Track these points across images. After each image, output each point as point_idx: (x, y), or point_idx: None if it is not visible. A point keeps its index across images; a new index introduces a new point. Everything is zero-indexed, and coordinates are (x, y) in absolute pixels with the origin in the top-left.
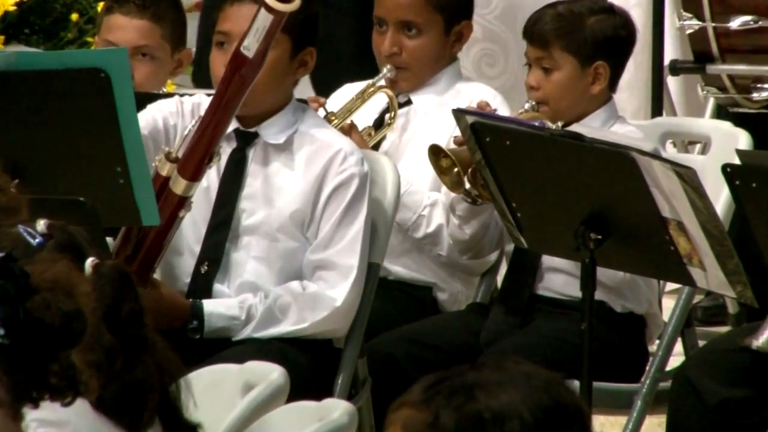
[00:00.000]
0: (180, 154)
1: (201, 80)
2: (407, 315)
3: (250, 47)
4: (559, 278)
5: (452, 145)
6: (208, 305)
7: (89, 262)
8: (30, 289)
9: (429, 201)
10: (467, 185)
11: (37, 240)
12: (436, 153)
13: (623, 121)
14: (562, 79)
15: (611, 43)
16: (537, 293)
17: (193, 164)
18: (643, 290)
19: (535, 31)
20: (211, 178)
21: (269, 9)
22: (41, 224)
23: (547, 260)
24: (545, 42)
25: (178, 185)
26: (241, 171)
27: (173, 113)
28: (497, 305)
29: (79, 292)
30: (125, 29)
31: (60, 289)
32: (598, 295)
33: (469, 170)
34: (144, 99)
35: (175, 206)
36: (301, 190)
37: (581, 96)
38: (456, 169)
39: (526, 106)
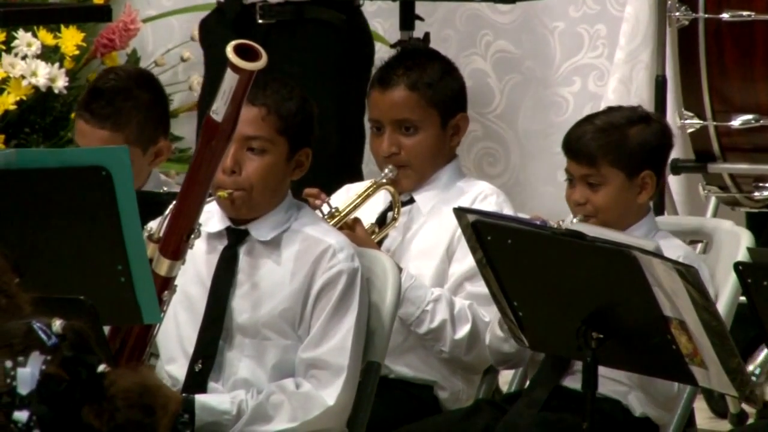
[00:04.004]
0: (162, 234)
1: None
2: (408, 415)
3: (218, 111)
4: None
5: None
6: (200, 399)
7: (101, 369)
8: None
9: (432, 296)
10: None
11: (52, 341)
12: None
13: (667, 235)
14: (611, 193)
15: (656, 152)
16: (563, 385)
17: (173, 242)
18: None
19: (580, 149)
20: (203, 276)
21: (235, 69)
22: (57, 324)
23: None
24: (593, 159)
25: (161, 266)
26: (232, 269)
27: None
28: (523, 396)
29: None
30: (89, 137)
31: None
32: (618, 394)
33: None
34: (145, 197)
35: (159, 288)
36: (291, 289)
37: (629, 207)
38: None
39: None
